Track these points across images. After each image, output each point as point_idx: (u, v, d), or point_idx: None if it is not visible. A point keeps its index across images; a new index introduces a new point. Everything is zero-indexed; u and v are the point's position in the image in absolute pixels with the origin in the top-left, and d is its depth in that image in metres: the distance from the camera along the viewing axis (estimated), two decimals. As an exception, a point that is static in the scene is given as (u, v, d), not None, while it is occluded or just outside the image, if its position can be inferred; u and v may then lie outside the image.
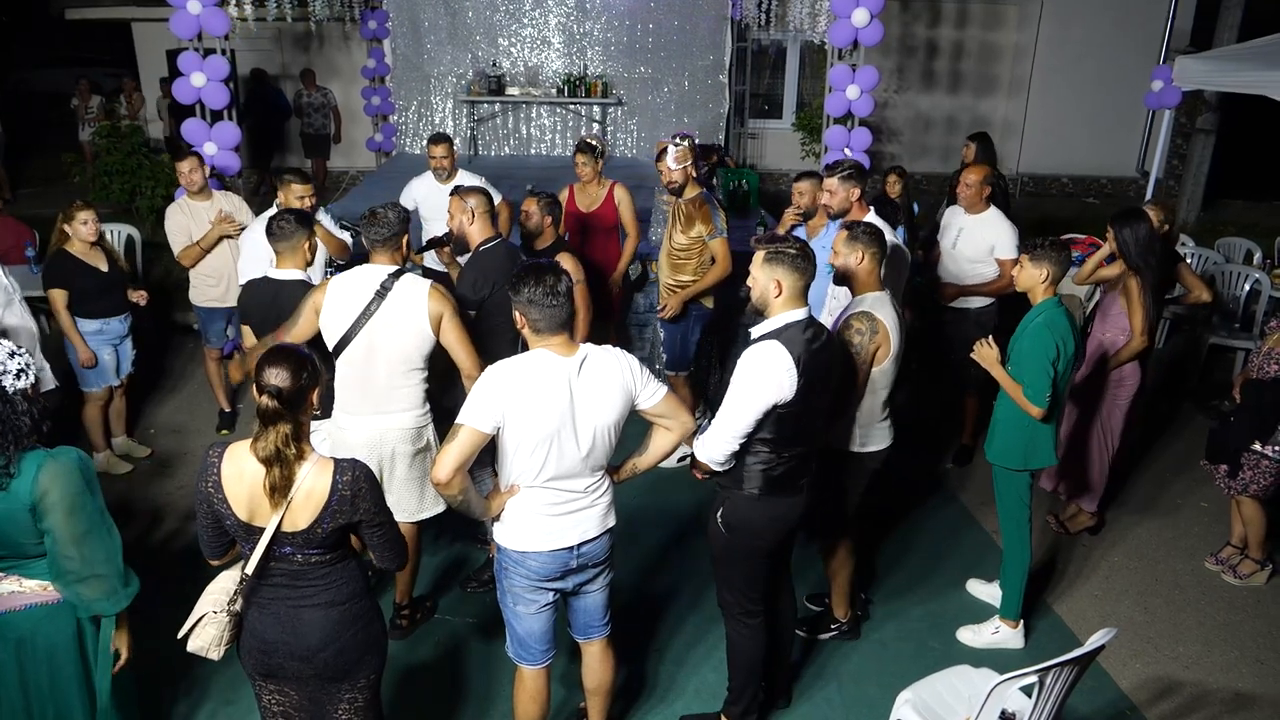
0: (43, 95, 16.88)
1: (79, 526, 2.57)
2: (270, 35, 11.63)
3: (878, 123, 11.26)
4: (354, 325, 3.47)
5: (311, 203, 4.92)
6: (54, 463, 2.54)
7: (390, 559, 2.62)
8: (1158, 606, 4.38)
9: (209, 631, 2.55)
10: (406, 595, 3.99)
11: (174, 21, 6.10)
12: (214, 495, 2.43)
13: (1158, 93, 7.44)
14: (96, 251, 5.01)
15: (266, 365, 2.39)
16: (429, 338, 3.54)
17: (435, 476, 2.73)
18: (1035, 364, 3.67)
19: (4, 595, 2.66)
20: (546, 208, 4.68)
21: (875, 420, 3.65)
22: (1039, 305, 3.75)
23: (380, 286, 3.49)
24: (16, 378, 2.52)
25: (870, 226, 3.61)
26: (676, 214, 5.05)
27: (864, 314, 3.49)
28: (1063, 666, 2.73)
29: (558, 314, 2.73)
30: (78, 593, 2.63)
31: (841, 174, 4.37)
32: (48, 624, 2.70)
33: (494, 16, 9.59)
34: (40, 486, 2.50)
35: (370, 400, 3.57)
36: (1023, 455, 3.83)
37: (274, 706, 2.69)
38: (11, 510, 2.51)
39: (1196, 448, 5.80)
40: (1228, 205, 11.61)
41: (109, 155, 9.36)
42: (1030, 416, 3.72)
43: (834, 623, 4.05)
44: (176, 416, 6.09)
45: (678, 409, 2.95)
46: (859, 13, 6.23)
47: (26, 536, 2.57)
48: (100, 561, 2.63)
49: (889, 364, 3.53)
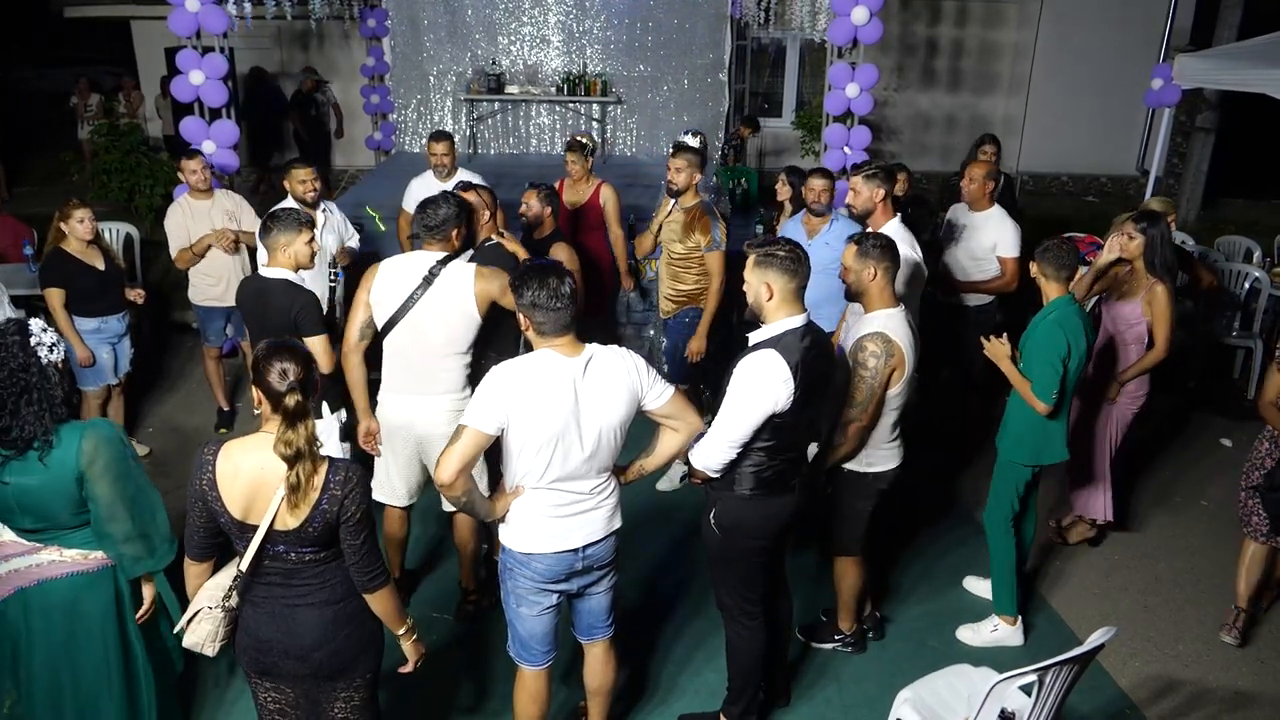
0: (41, 94, 16.86)
1: (129, 489, 2.73)
2: (269, 34, 11.61)
3: (877, 121, 11.23)
4: (400, 309, 3.57)
5: (316, 188, 5.00)
6: (94, 431, 2.69)
7: (362, 573, 2.51)
8: (1157, 605, 4.37)
9: (204, 627, 2.55)
10: (471, 579, 4.09)
11: (173, 19, 6.08)
12: (208, 493, 2.42)
13: (1157, 91, 7.43)
14: (93, 250, 4.99)
15: (272, 364, 2.37)
16: (475, 320, 3.61)
17: (438, 478, 2.73)
18: (1044, 361, 3.65)
19: (45, 564, 2.78)
20: (546, 199, 4.83)
21: (884, 440, 3.56)
22: (1052, 302, 3.74)
23: (428, 272, 3.58)
24: (50, 350, 2.67)
25: (881, 239, 3.46)
26: (672, 220, 4.87)
27: (878, 335, 3.35)
28: (1062, 665, 2.72)
29: (562, 316, 2.71)
30: (124, 553, 2.78)
31: (866, 173, 4.28)
32: (88, 591, 2.84)
33: (493, 15, 9.56)
34: (85, 455, 2.64)
35: (413, 380, 3.65)
36: (1033, 450, 3.84)
37: (270, 704, 2.69)
38: (54, 481, 2.64)
39: (1197, 446, 5.83)
40: (1228, 204, 11.60)
41: (107, 154, 9.34)
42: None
43: (837, 634, 3.97)
44: (175, 415, 6.08)
45: (685, 409, 2.92)
46: (858, 10, 6.22)
47: (67, 507, 2.70)
48: (149, 521, 2.80)
49: (903, 385, 3.45)
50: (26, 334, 2.63)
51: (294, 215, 3.82)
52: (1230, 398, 6.47)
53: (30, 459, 2.61)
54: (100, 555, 2.80)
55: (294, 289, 3.74)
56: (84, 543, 2.78)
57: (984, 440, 5.60)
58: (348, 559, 2.51)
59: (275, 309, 3.72)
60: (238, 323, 5.46)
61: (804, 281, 3.01)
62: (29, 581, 2.78)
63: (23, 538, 2.77)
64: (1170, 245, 4.37)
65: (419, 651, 2.78)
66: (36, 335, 2.64)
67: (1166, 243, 4.33)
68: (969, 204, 5.20)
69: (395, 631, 2.69)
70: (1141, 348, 4.41)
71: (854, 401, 3.39)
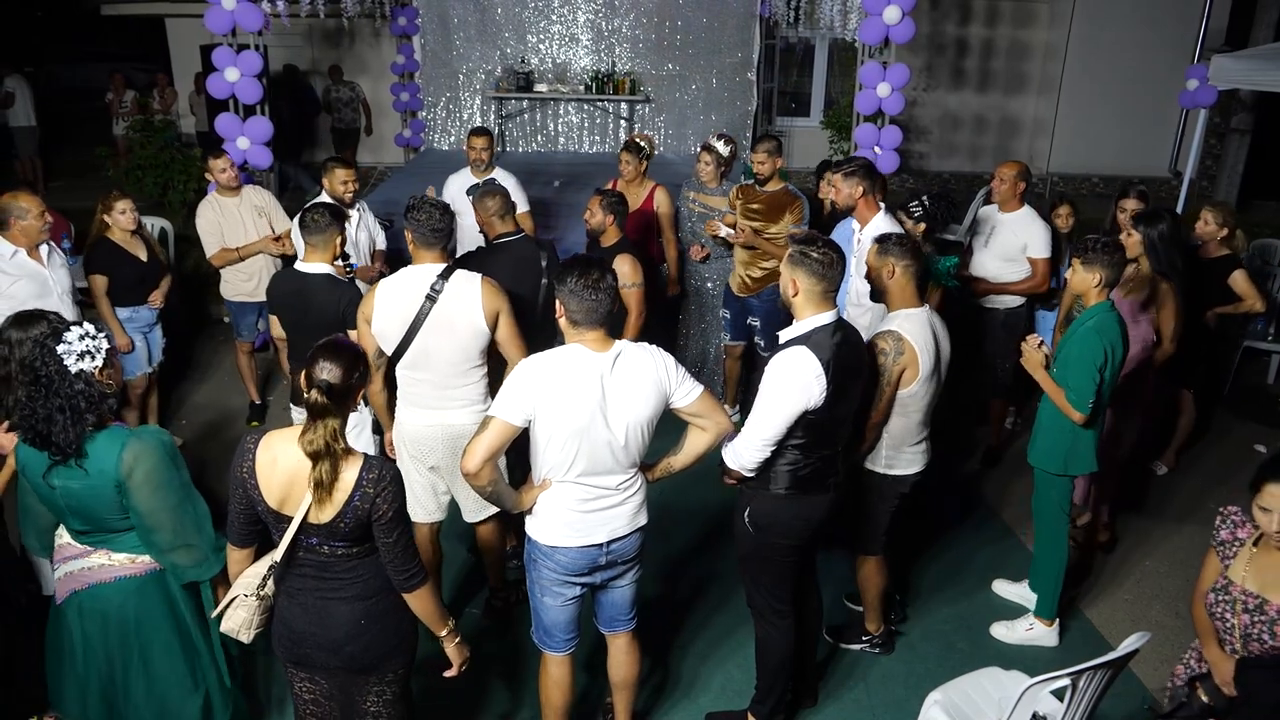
0: (77, 90, 17.07)
1: (169, 500, 2.72)
2: (301, 31, 11.72)
3: (905, 121, 11.17)
4: (408, 333, 3.41)
5: (355, 189, 5.07)
6: (137, 441, 2.67)
7: (398, 572, 2.51)
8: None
9: (239, 614, 2.58)
10: (499, 578, 4.07)
11: (209, 16, 6.17)
12: (247, 480, 2.46)
13: (1192, 92, 7.35)
14: (136, 240, 5.10)
15: (320, 359, 2.40)
16: (485, 334, 3.48)
17: (464, 466, 2.74)
18: (1083, 369, 3.58)
19: (94, 568, 2.80)
20: (609, 207, 4.68)
21: (907, 443, 3.55)
22: (1090, 309, 3.64)
23: (430, 290, 3.41)
24: (80, 359, 2.62)
25: (902, 238, 3.50)
26: (753, 205, 5.25)
27: (890, 334, 3.37)
28: (1095, 670, 2.71)
29: (596, 308, 2.72)
30: (171, 562, 2.79)
31: (846, 171, 4.38)
32: (137, 596, 2.84)
33: (523, 13, 9.61)
34: (125, 465, 2.63)
35: (433, 396, 3.54)
36: (1064, 460, 3.78)
37: (305, 694, 2.72)
38: (97, 488, 2.65)
39: (1231, 455, 5.75)
40: (1262, 206, 11.43)
41: (142, 149, 9.47)
42: (1071, 421, 3.67)
43: (865, 635, 3.97)
44: (207, 407, 6.15)
45: (714, 408, 2.93)
46: (891, 10, 6.19)
47: (112, 512, 2.70)
48: (191, 532, 2.78)
49: (918, 386, 3.42)
50: (58, 340, 2.62)
51: (336, 211, 3.87)
52: (1264, 404, 6.38)
53: (71, 465, 2.63)
54: (148, 559, 2.81)
55: (338, 284, 3.77)
56: (132, 546, 2.78)
57: (1012, 442, 5.60)
58: (383, 557, 2.52)
59: (319, 305, 3.71)
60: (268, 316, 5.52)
61: (832, 285, 3.01)
62: (81, 585, 2.80)
63: (76, 540, 2.80)
64: (1179, 245, 4.34)
65: (463, 654, 2.71)
66: (70, 343, 2.61)
67: (1172, 242, 4.30)
68: (999, 204, 5.17)
69: (437, 633, 2.65)
70: (1143, 346, 4.38)
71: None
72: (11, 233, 4.31)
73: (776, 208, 5.22)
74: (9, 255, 4.31)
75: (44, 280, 4.38)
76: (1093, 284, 3.62)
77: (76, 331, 2.65)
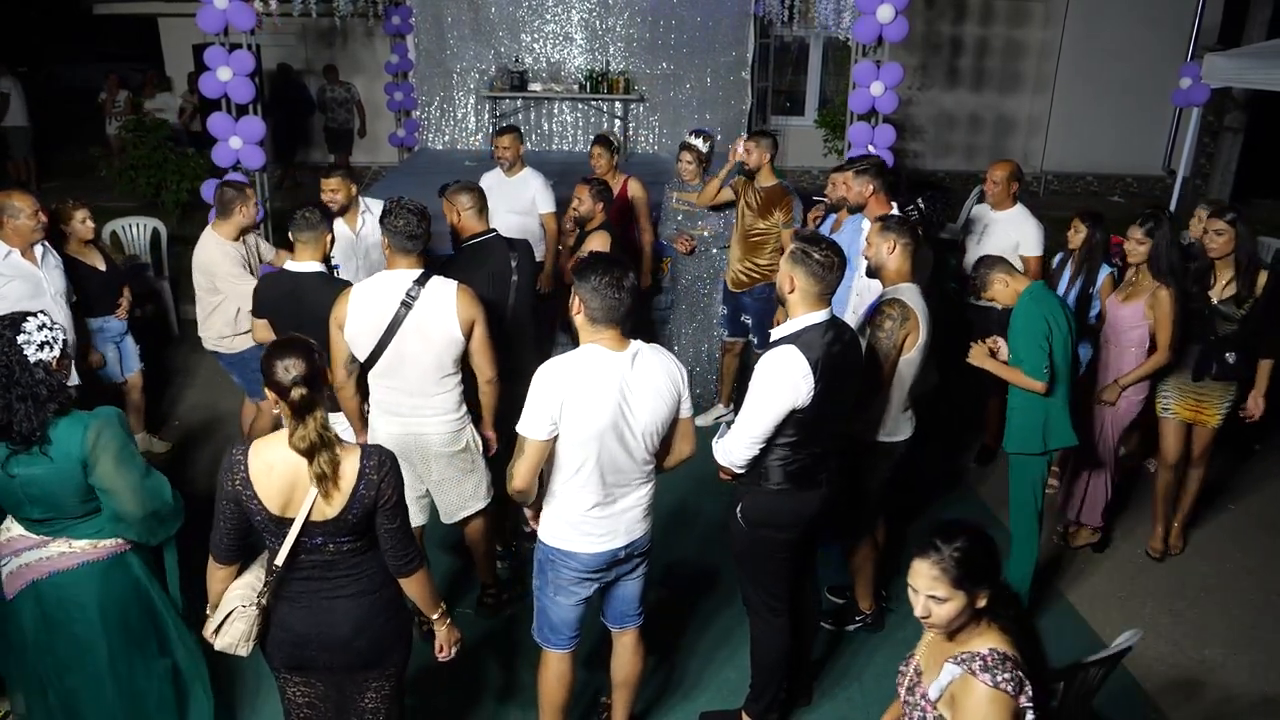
0: (76, 90, 17.04)
1: (133, 473, 2.74)
2: (294, 31, 11.70)
3: (900, 120, 11.19)
4: (382, 340, 3.37)
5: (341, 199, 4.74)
6: (97, 419, 2.72)
7: (397, 557, 2.56)
8: (1183, 609, 4.34)
9: (238, 627, 2.56)
10: (490, 575, 4.07)
11: (201, 16, 6.14)
12: (242, 492, 2.42)
13: (1186, 90, 7.35)
14: (92, 250, 4.99)
15: (278, 360, 2.38)
16: (459, 342, 3.44)
17: (513, 487, 2.80)
18: (1029, 339, 3.72)
19: (54, 557, 2.80)
20: (597, 194, 5.03)
21: (898, 410, 3.66)
22: (1022, 291, 3.81)
23: (406, 296, 3.36)
24: (39, 349, 2.68)
25: (902, 218, 3.68)
26: (750, 199, 5.29)
27: (896, 300, 3.51)
28: (1088, 668, 2.71)
29: (618, 307, 2.72)
30: (141, 530, 2.83)
31: (858, 169, 4.47)
32: (103, 580, 2.85)
33: (517, 12, 9.59)
34: (89, 442, 2.66)
35: (407, 404, 3.50)
36: (1041, 437, 3.86)
37: (299, 698, 2.71)
38: (63, 470, 2.67)
39: (1224, 450, 5.74)
40: (1256, 204, 11.46)
41: (135, 149, 9.45)
42: (1039, 396, 3.75)
43: (859, 614, 4.08)
44: (193, 412, 6.13)
45: (689, 435, 3.01)
46: (884, 9, 6.19)
47: (74, 495, 2.72)
48: (155, 500, 2.81)
49: (916, 353, 3.54)
50: (17, 330, 2.65)
51: (327, 210, 3.88)
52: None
53: (34, 452, 2.64)
54: (110, 543, 2.83)
55: (331, 281, 3.77)
56: (94, 533, 2.80)
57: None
58: (383, 544, 2.53)
59: (312, 303, 3.65)
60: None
61: (829, 288, 3.02)
62: (41, 574, 2.80)
63: (31, 530, 2.80)
64: (1177, 248, 4.34)
65: (454, 636, 2.79)
66: (29, 334, 2.65)
67: (1171, 245, 4.30)
68: (992, 203, 5.18)
69: (430, 615, 2.72)
70: (1142, 351, 4.36)
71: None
72: (5, 232, 4.28)
73: (769, 204, 5.27)
74: (2, 256, 4.28)
75: (37, 281, 4.36)
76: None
77: (34, 322, 2.69)
